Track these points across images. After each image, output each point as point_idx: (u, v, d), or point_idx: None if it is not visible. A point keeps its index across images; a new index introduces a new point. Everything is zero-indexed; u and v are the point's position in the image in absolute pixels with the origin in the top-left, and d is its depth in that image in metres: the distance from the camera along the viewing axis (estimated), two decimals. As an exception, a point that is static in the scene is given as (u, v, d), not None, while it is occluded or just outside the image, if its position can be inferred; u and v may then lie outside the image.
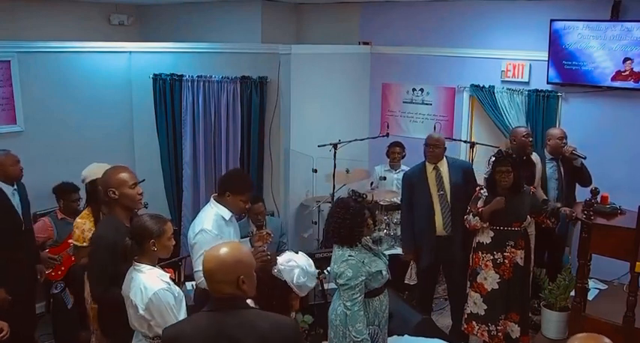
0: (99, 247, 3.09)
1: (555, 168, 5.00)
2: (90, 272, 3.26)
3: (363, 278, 3.26)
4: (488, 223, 4.21)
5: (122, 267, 2.87)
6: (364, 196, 3.48)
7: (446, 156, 4.69)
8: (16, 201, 4.25)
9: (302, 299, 3.28)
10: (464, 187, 4.55)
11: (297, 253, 3.13)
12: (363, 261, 3.30)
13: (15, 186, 4.26)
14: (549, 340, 4.78)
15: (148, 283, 2.71)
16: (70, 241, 4.36)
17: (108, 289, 3.03)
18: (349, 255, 3.30)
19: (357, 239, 3.36)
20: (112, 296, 2.98)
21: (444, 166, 4.64)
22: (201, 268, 3.38)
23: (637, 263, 3.63)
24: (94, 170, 3.77)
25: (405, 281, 4.97)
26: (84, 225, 3.71)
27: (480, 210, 4.19)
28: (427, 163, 4.65)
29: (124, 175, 3.19)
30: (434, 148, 4.60)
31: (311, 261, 3.13)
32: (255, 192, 4.99)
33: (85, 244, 3.57)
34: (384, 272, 3.39)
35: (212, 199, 3.61)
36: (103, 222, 3.35)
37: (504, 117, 5.87)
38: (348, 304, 3.24)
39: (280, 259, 3.00)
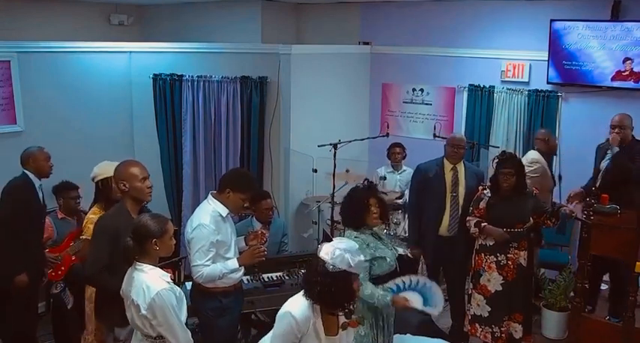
0: (101, 230, 3.26)
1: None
2: (89, 252, 3.39)
3: (368, 258, 3.34)
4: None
5: (121, 262, 2.90)
6: (375, 185, 3.60)
7: (464, 161, 4.64)
8: (40, 195, 4.33)
9: None
10: (475, 193, 4.52)
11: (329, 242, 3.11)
12: (368, 244, 3.39)
13: (41, 182, 4.32)
14: (549, 340, 4.79)
15: (151, 283, 2.71)
16: (71, 243, 4.40)
17: (101, 272, 3.17)
18: (355, 237, 3.39)
19: (358, 224, 3.47)
20: (102, 278, 3.16)
21: (461, 169, 4.57)
22: (199, 262, 3.40)
23: (637, 263, 3.62)
24: (105, 168, 3.79)
25: None
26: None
27: (483, 225, 4.18)
28: (446, 162, 4.59)
29: (134, 169, 3.35)
30: (457, 149, 4.53)
31: (345, 238, 3.08)
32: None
33: None
34: (389, 260, 3.46)
35: (210, 195, 3.58)
36: (112, 209, 3.48)
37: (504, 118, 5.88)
38: None
39: (325, 254, 2.97)
